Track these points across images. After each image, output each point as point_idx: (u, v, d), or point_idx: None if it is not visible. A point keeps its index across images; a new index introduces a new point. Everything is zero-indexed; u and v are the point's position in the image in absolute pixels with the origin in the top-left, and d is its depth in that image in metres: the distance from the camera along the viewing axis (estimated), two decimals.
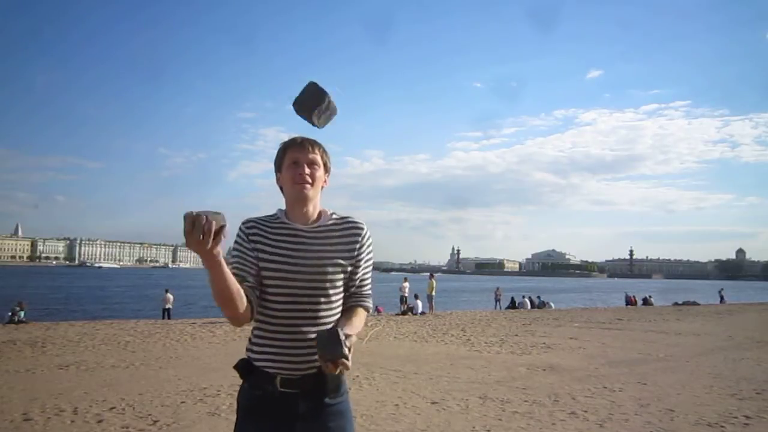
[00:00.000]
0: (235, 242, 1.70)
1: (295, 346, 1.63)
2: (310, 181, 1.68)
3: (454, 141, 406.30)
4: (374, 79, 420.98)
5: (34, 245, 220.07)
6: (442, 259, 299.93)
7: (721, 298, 34.84)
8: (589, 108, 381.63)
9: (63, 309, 27.20)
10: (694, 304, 30.21)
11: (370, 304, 1.78)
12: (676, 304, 30.80)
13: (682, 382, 6.84)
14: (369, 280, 1.80)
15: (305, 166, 1.69)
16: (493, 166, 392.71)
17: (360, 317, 1.72)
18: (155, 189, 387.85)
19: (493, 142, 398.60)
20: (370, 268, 1.79)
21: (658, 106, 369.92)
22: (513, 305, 26.82)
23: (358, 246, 1.71)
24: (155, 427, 4.67)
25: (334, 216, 1.76)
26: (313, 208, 1.73)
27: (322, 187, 1.75)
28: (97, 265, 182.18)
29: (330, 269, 1.65)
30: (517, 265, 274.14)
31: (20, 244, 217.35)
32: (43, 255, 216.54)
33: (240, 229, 1.71)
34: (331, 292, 1.66)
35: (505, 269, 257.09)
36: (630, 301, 31.47)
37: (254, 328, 1.71)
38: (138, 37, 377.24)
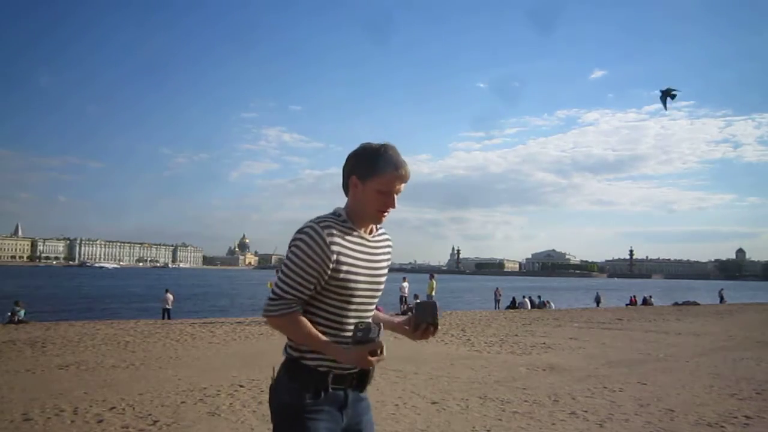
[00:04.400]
0: (308, 247, 1.61)
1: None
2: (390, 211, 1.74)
3: (456, 141, 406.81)
4: (376, 79, 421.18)
5: (34, 245, 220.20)
6: (442, 259, 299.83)
7: (721, 298, 34.85)
8: (591, 108, 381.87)
9: (63, 309, 27.23)
10: (694, 304, 30.23)
11: None
12: (676, 304, 30.81)
13: (682, 382, 6.84)
14: None
15: (395, 197, 1.70)
16: (495, 166, 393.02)
17: None
18: (156, 189, 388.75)
19: (495, 142, 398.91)
20: None
21: (661, 106, 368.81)
22: (513, 305, 26.82)
23: (391, 255, 1.84)
24: (155, 427, 4.67)
25: (378, 227, 1.82)
26: None
27: None
28: (98, 265, 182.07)
29: (383, 278, 1.78)
30: (517, 265, 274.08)
31: (20, 244, 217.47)
32: (43, 255, 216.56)
33: (316, 232, 1.62)
34: (379, 295, 1.79)
35: (505, 269, 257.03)
36: (598, 300, 31.69)
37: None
38: (140, 37, 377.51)
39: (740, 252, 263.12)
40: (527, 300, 27.05)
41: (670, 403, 5.70)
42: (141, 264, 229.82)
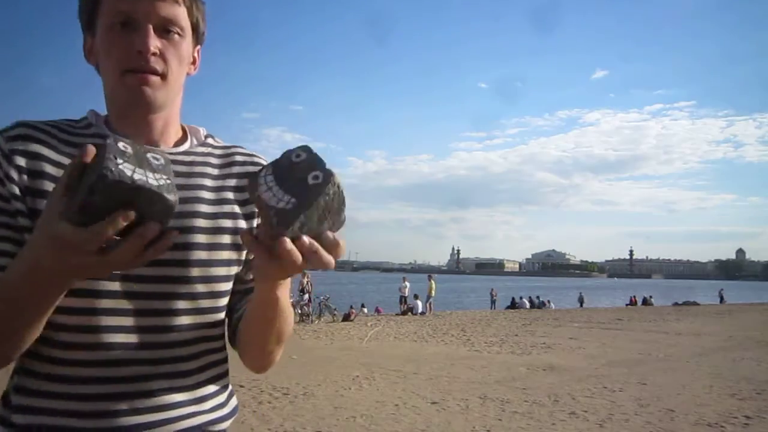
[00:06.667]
0: None
1: (100, 394, 0.77)
2: (158, 69, 0.79)
3: (457, 141, 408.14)
4: (377, 80, 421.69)
5: None
6: (442, 259, 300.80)
7: (721, 298, 34.84)
8: (593, 108, 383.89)
9: None
10: (694, 304, 30.23)
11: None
12: (676, 304, 30.79)
13: (682, 382, 6.84)
14: None
15: (150, 32, 0.78)
16: (496, 166, 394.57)
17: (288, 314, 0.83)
18: None
19: (496, 142, 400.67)
20: None
21: (663, 106, 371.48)
22: (512, 305, 26.82)
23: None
24: None
25: (210, 141, 0.93)
26: (167, 119, 0.86)
27: (188, 74, 0.88)
28: None
29: (222, 234, 0.85)
30: (517, 265, 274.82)
31: None
32: None
33: None
34: (202, 282, 0.82)
35: (505, 269, 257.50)
36: (581, 301, 31.61)
37: (18, 366, 0.80)
38: None
39: (740, 252, 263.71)
40: (526, 300, 27.05)
41: (670, 403, 5.70)
42: None
